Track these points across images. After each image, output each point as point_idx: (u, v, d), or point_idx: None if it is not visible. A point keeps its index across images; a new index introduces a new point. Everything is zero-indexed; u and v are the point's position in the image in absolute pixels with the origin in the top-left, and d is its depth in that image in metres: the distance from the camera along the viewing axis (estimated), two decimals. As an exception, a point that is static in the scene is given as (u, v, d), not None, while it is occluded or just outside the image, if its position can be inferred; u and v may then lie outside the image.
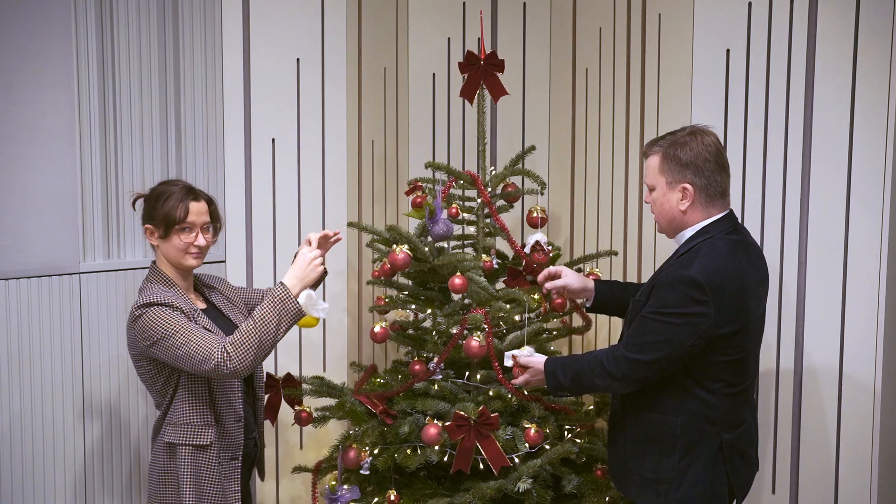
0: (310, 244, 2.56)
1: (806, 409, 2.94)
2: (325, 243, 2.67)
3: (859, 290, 2.83)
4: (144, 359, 2.47)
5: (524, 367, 2.59)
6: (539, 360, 2.55)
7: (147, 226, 2.53)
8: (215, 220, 2.61)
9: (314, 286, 2.52)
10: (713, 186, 2.34)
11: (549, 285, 2.75)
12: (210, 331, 2.47)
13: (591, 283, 2.76)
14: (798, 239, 2.90)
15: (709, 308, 2.23)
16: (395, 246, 2.86)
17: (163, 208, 2.49)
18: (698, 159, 2.32)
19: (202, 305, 2.63)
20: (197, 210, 2.52)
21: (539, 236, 3.00)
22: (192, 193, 2.54)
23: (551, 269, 2.77)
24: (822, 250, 2.87)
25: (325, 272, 2.54)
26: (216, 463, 2.51)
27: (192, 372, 2.39)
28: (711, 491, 2.35)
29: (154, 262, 2.58)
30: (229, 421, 2.54)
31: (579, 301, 2.94)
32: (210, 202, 2.60)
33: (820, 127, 2.86)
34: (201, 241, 2.54)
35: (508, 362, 2.66)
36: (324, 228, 3.40)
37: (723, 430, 2.35)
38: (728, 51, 2.97)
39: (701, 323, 2.24)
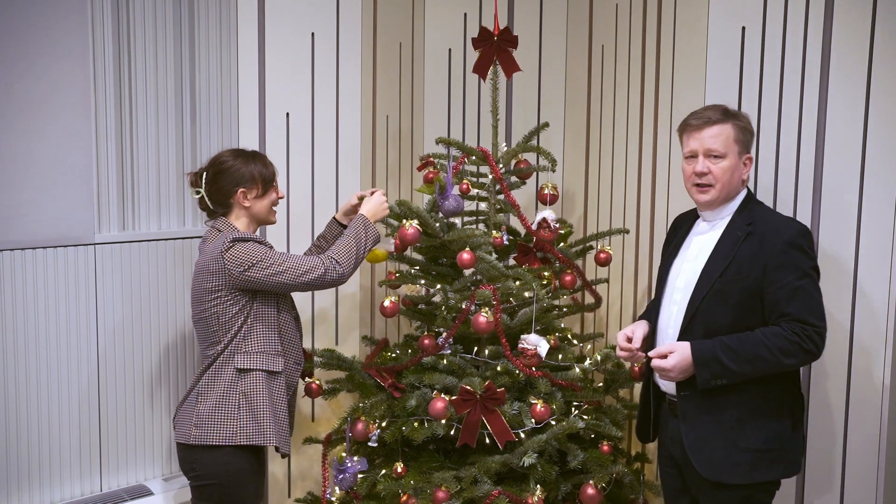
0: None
1: (815, 393, 2.93)
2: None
3: (871, 270, 2.80)
4: (226, 288, 2.63)
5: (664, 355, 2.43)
6: (681, 345, 2.41)
7: (241, 190, 2.71)
8: None
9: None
10: None
11: (635, 344, 2.59)
12: None
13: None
14: (810, 220, 2.88)
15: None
16: (404, 221, 2.88)
17: (255, 169, 2.74)
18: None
19: None
20: None
21: (547, 213, 3.01)
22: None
23: (623, 337, 2.62)
24: (834, 230, 2.85)
25: (387, 214, 2.93)
26: (283, 391, 2.76)
27: (291, 283, 2.63)
28: (803, 447, 2.53)
29: (223, 222, 2.74)
30: (290, 363, 2.80)
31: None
32: None
33: (835, 105, 2.83)
34: (282, 193, 2.86)
35: (543, 351, 2.82)
36: (337, 203, 3.43)
37: (801, 388, 2.52)
38: (743, 28, 2.94)
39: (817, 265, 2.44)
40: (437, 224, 2.97)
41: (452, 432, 2.86)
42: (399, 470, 2.91)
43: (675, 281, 2.58)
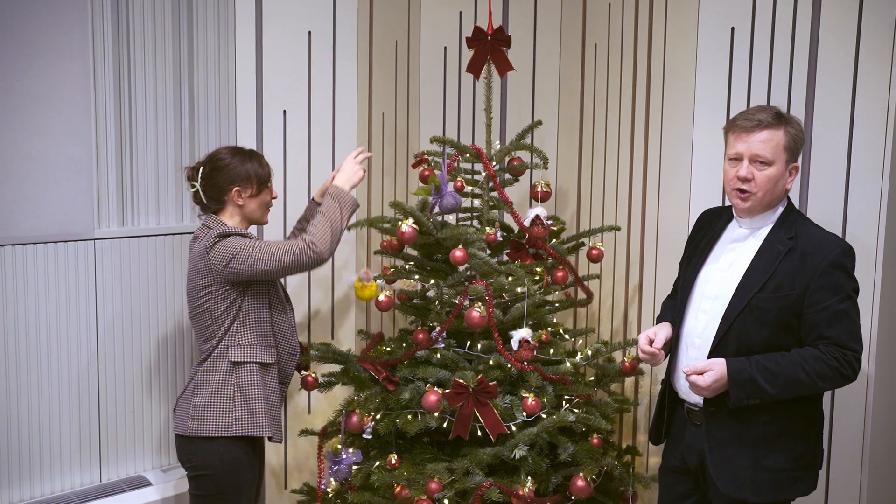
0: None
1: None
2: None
3: (857, 273, 2.84)
4: (216, 283, 2.70)
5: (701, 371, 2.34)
6: (717, 363, 2.33)
7: (235, 188, 2.76)
8: None
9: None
10: None
11: (658, 346, 2.51)
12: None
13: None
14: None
15: None
16: (400, 221, 2.93)
17: (251, 168, 2.78)
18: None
19: None
20: None
21: (539, 211, 3.05)
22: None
23: (645, 339, 2.54)
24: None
25: (363, 176, 2.93)
26: (276, 382, 2.83)
27: (272, 270, 2.67)
28: (821, 462, 2.48)
29: (213, 219, 2.78)
30: (283, 353, 2.86)
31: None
32: None
33: (821, 103, 2.88)
34: (276, 193, 2.89)
35: (515, 345, 2.84)
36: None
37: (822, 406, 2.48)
38: (733, 29, 2.99)
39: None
40: (431, 222, 3.02)
41: (445, 425, 2.91)
42: (393, 461, 2.96)
43: (705, 289, 2.49)
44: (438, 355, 3.02)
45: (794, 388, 2.29)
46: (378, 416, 3.00)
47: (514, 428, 2.88)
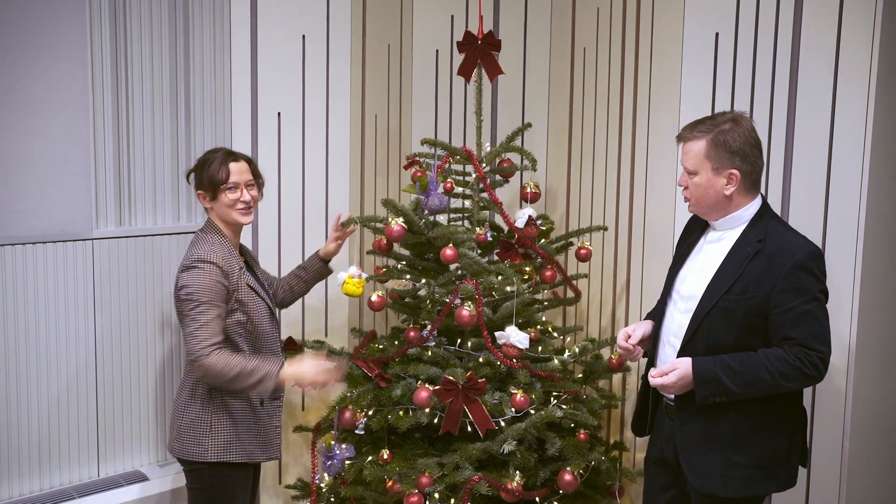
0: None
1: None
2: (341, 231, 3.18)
3: (838, 276, 2.89)
4: None
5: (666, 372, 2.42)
6: (682, 362, 2.41)
7: (199, 192, 2.79)
8: (257, 177, 2.87)
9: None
10: (756, 172, 2.44)
11: (634, 342, 2.62)
12: (252, 288, 2.77)
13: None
14: (779, 219, 2.98)
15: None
16: (390, 219, 2.99)
17: (207, 174, 2.76)
18: (746, 146, 2.40)
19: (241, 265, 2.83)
20: (237, 169, 2.77)
21: (530, 211, 3.11)
22: (232, 156, 2.80)
23: (623, 335, 2.64)
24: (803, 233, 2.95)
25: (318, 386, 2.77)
26: (268, 399, 2.83)
27: (186, 340, 2.65)
28: (803, 460, 2.51)
29: (207, 225, 2.81)
30: None
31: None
32: (249, 161, 2.85)
33: (802, 108, 2.93)
34: (246, 196, 2.78)
35: (522, 342, 2.89)
36: (327, 199, 3.54)
37: (803, 403, 2.51)
38: (717, 34, 3.05)
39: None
40: (422, 221, 3.07)
41: (436, 420, 2.96)
42: (385, 457, 3.01)
43: (680, 288, 2.56)
44: (430, 353, 3.07)
45: (758, 387, 2.34)
46: (370, 413, 3.06)
47: (503, 423, 2.93)
